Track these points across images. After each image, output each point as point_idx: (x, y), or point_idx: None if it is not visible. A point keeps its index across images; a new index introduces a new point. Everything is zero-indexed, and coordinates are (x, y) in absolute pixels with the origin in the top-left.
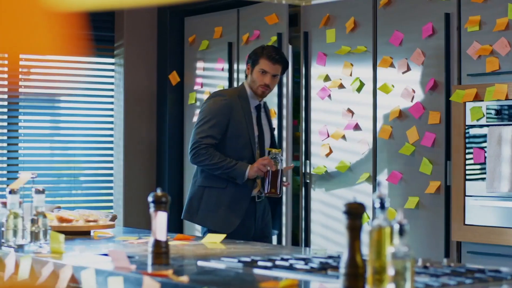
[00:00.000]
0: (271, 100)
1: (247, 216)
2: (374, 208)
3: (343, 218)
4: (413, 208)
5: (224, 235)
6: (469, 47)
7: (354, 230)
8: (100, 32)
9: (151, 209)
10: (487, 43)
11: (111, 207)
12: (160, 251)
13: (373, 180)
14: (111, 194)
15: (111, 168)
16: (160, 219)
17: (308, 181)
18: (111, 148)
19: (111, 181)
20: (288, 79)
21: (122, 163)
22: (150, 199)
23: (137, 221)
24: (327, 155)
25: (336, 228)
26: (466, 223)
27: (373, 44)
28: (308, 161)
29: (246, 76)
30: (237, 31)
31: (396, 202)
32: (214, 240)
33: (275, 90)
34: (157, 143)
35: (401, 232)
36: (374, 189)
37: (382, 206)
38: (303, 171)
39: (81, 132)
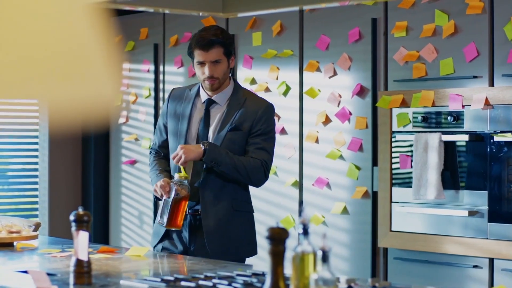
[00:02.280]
0: None
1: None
2: (300, 212)
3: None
4: (340, 213)
5: (147, 248)
6: (395, 53)
7: (277, 255)
8: None
9: (73, 228)
10: (414, 49)
11: (36, 209)
12: (82, 271)
13: (299, 185)
14: (36, 196)
15: (36, 170)
16: (81, 239)
17: None
18: (36, 150)
19: (36, 183)
20: None
21: (47, 165)
22: (71, 217)
23: (63, 224)
24: None
25: (262, 233)
26: (392, 229)
27: (299, 48)
28: None
29: None
30: (163, 32)
31: (322, 207)
32: (138, 253)
33: None
34: (83, 144)
35: (324, 258)
36: (300, 194)
37: (306, 232)
38: None
39: (6, 133)
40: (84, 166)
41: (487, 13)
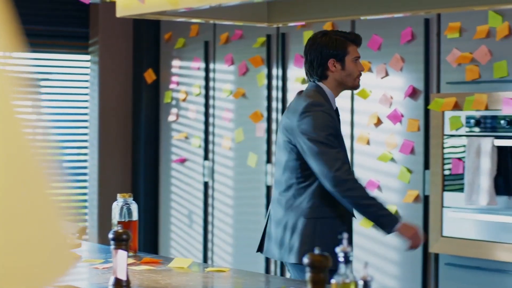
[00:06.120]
0: (260, 103)
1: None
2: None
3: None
4: None
5: (191, 260)
6: (448, 54)
7: (318, 284)
8: (74, 28)
9: (112, 247)
10: (467, 50)
11: (85, 207)
12: None
13: None
14: (85, 194)
15: (85, 168)
16: (120, 258)
17: None
18: (86, 147)
19: (85, 181)
20: (272, 80)
21: (96, 163)
22: (110, 236)
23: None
24: None
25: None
26: (443, 234)
27: None
28: None
29: (323, 76)
30: (214, 30)
31: None
32: (182, 265)
33: (264, 92)
34: (132, 142)
35: None
36: None
37: (347, 261)
38: None
39: (55, 131)
40: (134, 164)
41: None
